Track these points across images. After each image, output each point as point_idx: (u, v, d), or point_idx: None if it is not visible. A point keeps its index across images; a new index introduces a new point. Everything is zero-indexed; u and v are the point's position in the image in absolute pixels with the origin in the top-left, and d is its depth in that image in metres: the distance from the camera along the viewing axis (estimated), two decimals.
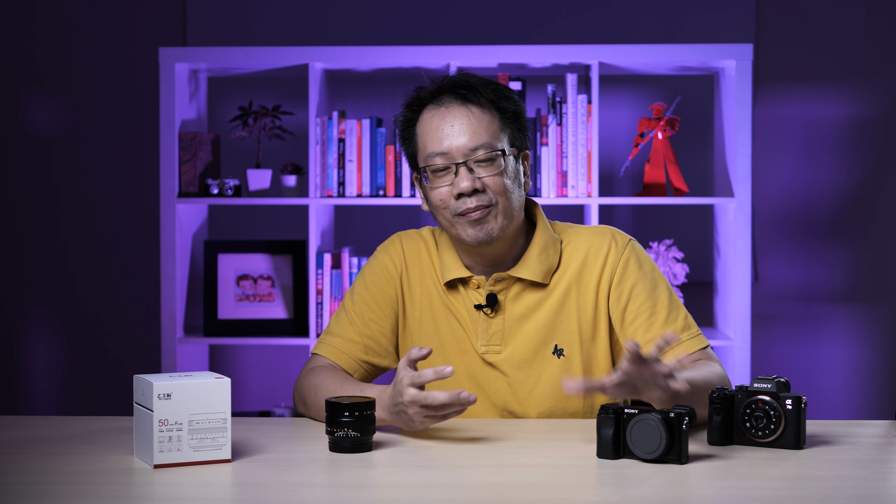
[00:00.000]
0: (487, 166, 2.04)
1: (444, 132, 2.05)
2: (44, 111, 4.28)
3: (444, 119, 2.06)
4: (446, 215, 2.07)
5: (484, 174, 2.04)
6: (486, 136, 2.05)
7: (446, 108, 2.07)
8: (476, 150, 2.04)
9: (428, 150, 2.07)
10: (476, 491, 1.63)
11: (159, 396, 1.71)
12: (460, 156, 2.04)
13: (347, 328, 2.18)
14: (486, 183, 2.04)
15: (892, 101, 4.17)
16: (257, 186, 3.80)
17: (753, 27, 4.14)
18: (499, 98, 2.08)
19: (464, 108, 2.06)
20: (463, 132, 2.04)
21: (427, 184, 2.08)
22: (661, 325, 2.07)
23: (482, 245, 2.06)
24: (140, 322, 4.21)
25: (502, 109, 2.08)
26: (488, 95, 2.07)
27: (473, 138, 2.04)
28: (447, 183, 2.05)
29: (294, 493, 1.61)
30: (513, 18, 4.19)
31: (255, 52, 3.76)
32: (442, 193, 2.06)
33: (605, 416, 1.77)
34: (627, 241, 2.14)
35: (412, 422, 1.88)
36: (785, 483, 1.67)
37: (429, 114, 2.09)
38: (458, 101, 2.07)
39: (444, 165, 2.05)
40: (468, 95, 2.06)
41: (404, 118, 2.14)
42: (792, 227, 4.20)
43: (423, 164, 2.08)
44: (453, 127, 2.05)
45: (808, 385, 4.14)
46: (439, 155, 2.05)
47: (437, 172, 2.06)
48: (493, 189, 2.04)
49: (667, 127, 3.71)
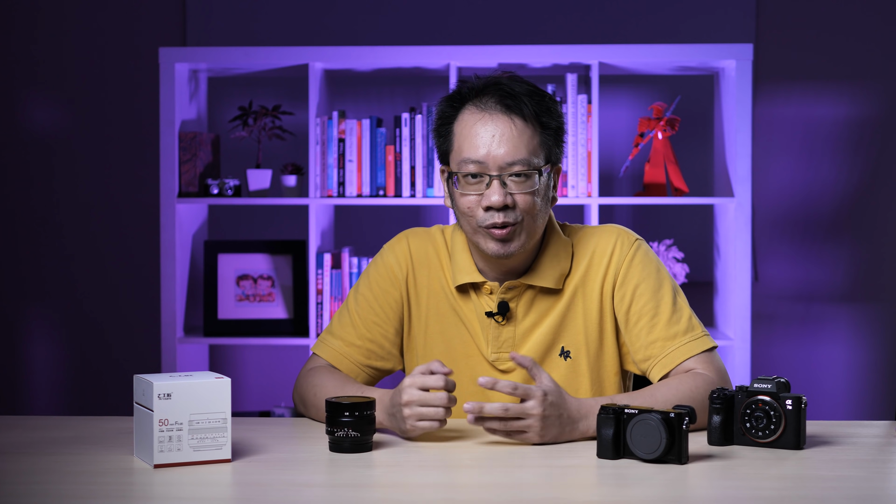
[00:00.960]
0: (521, 182, 2.00)
1: (483, 140, 1.99)
2: (44, 111, 4.28)
3: (486, 126, 2.00)
4: (472, 223, 2.03)
5: (517, 190, 1.99)
6: (525, 152, 2.00)
7: (489, 115, 2.01)
8: (513, 165, 1.99)
9: (464, 154, 2.01)
10: (476, 491, 1.63)
11: (159, 396, 1.71)
12: (496, 168, 1.99)
13: (349, 330, 2.16)
14: (517, 200, 1.99)
15: (892, 101, 4.17)
16: (257, 186, 3.80)
17: (753, 27, 4.14)
18: (542, 112, 2.02)
19: (507, 118, 2.00)
20: (503, 144, 1.99)
21: (457, 188, 2.03)
22: (664, 326, 2.05)
23: (501, 258, 2.04)
24: (140, 322, 4.21)
25: (544, 125, 2.03)
26: (533, 108, 2.01)
27: (512, 152, 1.99)
28: (478, 192, 2.00)
29: (294, 493, 1.61)
30: (513, 18, 4.19)
31: (255, 52, 3.76)
32: (470, 202, 2.02)
33: (605, 416, 1.77)
34: (633, 240, 2.11)
35: (404, 423, 1.88)
36: (785, 483, 1.67)
37: (469, 115, 2.03)
38: (501, 109, 2.00)
39: (478, 173, 2.00)
40: (513, 105, 2.00)
41: (442, 112, 2.07)
42: (792, 227, 4.20)
43: (456, 168, 2.02)
44: (493, 137, 1.99)
45: (808, 385, 4.14)
46: (475, 163, 2.00)
47: (468, 178, 2.01)
48: (523, 208, 2.00)
49: (667, 127, 3.71)
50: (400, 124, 3.70)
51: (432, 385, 1.86)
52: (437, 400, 1.86)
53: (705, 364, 2.04)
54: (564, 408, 1.88)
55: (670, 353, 2.04)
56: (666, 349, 2.04)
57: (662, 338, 2.05)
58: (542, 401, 1.85)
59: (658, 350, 2.04)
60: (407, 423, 1.87)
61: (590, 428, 1.89)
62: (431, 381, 1.86)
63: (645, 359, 2.06)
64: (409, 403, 1.86)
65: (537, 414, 1.85)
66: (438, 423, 1.86)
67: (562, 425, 1.87)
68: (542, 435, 1.86)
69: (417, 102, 3.94)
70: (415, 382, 1.87)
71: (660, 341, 2.05)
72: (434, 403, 1.86)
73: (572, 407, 1.89)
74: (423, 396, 1.86)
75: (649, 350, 2.05)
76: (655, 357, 2.05)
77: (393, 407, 1.90)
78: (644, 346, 2.06)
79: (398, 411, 1.88)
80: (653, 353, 2.05)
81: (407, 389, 1.87)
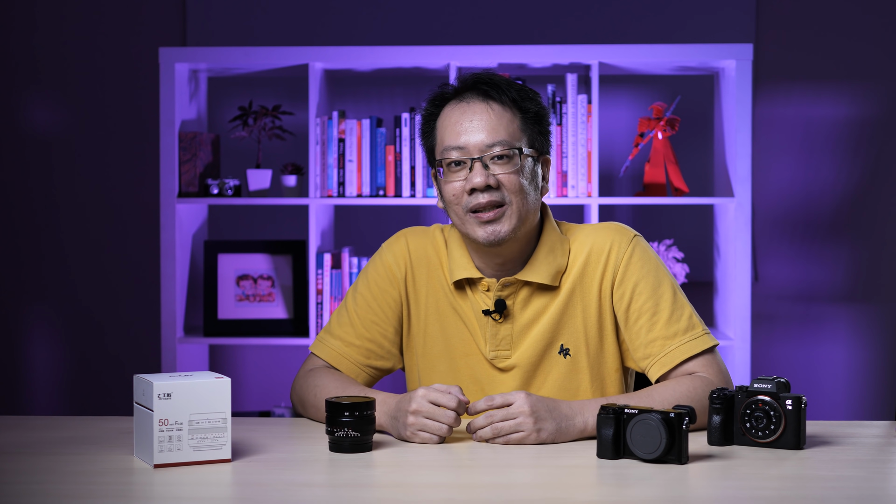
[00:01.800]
0: (503, 164, 2.02)
1: (463, 126, 2.03)
2: (44, 111, 4.28)
3: (464, 114, 2.04)
4: (458, 211, 2.05)
5: (499, 171, 2.02)
6: (505, 134, 2.03)
7: (467, 104, 2.05)
8: (493, 147, 2.02)
9: (445, 143, 2.05)
10: (476, 491, 1.63)
11: (159, 396, 1.71)
12: (476, 151, 2.02)
13: (348, 330, 2.16)
14: (501, 180, 2.02)
15: (892, 101, 4.17)
16: (257, 186, 3.80)
17: (753, 27, 4.14)
18: (521, 98, 2.06)
19: (485, 105, 2.04)
20: (481, 128, 2.02)
21: (442, 178, 2.06)
22: (664, 324, 2.05)
23: (493, 246, 2.04)
24: (140, 322, 4.21)
25: (524, 109, 2.06)
26: (511, 94, 2.05)
27: (491, 135, 2.02)
28: (461, 178, 2.03)
29: (294, 493, 1.61)
30: (513, 18, 4.19)
31: (255, 52, 3.76)
32: (455, 188, 2.04)
33: (605, 416, 1.77)
34: (631, 237, 2.11)
35: (405, 430, 1.88)
36: (785, 483, 1.67)
37: (450, 108, 2.07)
38: (479, 98, 2.05)
39: (460, 160, 2.03)
40: (490, 92, 2.04)
41: (426, 112, 2.12)
42: (792, 227, 4.20)
43: (440, 157, 2.06)
44: (472, 122, 2.03)
45: (808, 385, 4.14)
46: (456, 149, 2.03)
47: (451, 166, 2.04)
48: (508, 187, 2.02)
49: (667, 127, 3.71)
50: (400, 124, 3.70)
51: (444, 403, 1.88)
52: (444, 417, 1.88)
53: (706, 365, 2.03)
54: (554, 405, 1.90)
55: (670, 352, 2.03)
56: (666, 348, 2.04)
57: (662, 336, 2.04)
58: (527, 398, 1.88)
59: (658, 349, 2.04)
60: (408, 430, 1.88)
61: (587, 425, 1.90)
62: (444, 399, 1.88)
63: (644, 357, 2.06)
64: (417, 413, 1.88)
65: (525, 410, 1.86)
66: (438, 438, 1.88)
67: (556, 420, 1.88)
68: (539, 431, 1.86)
69: (417, 102, 3.94)
70: (428, 395, 1.88)
71: (659, 340, 2.04)
72: (440, 419, 1.88)
73: (563, 405, 1.91)
74: (432, 410, 1.88)
75: (649, 349, 2.05)
76: (655, 356, 2.04)
77: (398, 411, 1.90)
78: (644, 345, 2.06)
79: (403, 416, 1.89)
80: (652, 351, 2.05)
81: (418, 399, 1.88)
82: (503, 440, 1.88)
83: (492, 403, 1.89)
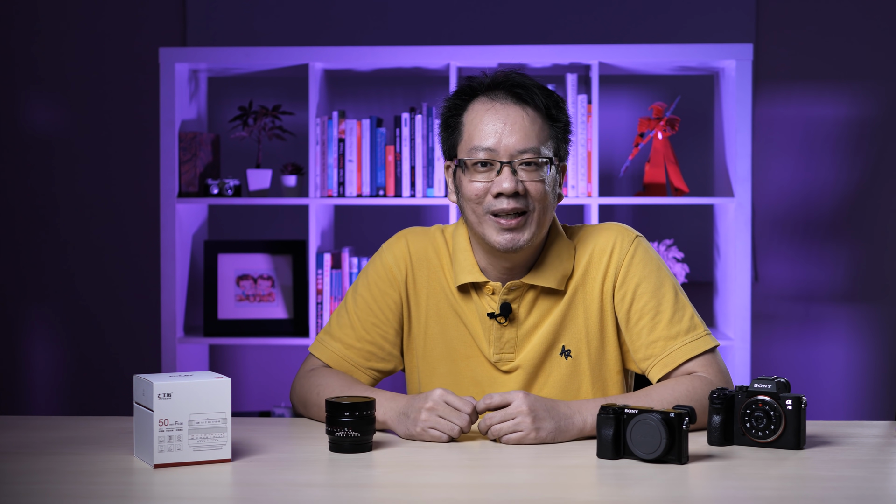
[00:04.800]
0: (531, 171, 2.01)
1: (496, 128, 2.01)
2: (44, 111, 4.28)
3: (498, 114, 2.02)
4: (478, 210, 2.03)
5: (527, 178, 2.00)
6: (536, 141, 2.01)
7: (501, 105, 2.02)
8: (524, 153, 2.00)
9: (474, 142, 2.02)
10: (476, 491, 1.63)
11: (159, 396, 1.71)
12: (507, 155, 2.00)
13: (348, 332, 2.15)
14: (528, 188, 2.00)
15: (892, 101, 4.17)
16: (257, 186, 3.80)
17: (753, 27, 4.14)
18: (552, 105, 2.04)
19: (519, 108, 2.02)
20: (515, 132, 2.00)
21: (464, 175, 2.04)
22: (666, 325, 2.04)
23: (508, 252, 2.03)
24: (140, 322, 4.21)
25: (554, 118, 2.05)
26: (544, 101, 2.03)
27: (524, 140, 2.00)
28: (486, 179, 2.01)
29: (294, 493, 1.61)
30: (513, 18, 4.19)
31: (255, 52, 3.76)
32: (478, 188, 2.02)
33: (605, 416, 1.77)
34: (633, 238, 2.10)
35: (416, 425, 1.89)
36: (785, 483, 1.67)
37: (481, 105, 2.04)
38: (513, 100, 2.02)
39: (488, 160, 2.01)
40: (524, 96, 2.02)
41: (451, 105, 2.08)
42: (792, 227, 4.20)
43: (466, 155, 2.03)
44: (506, 125, 2.01)
45: (808, 385, 4.14)
46: (485, 150, 2.00)
47: (478, 166, 2.02)
48: (534, 195, 2.01)
49: (667, 127, 3.71)
50: (400, 124, 3.70)
51: (459, 406, 1.89)
52: (457, 418, 1.89)
53: (706, 365, 2.03)
54: (552, 404, 1.91)
55: (671, 353, 2.03)
56: (667, 349, 2.03)
57: (664, 337, 2.04)
58: (525, 397, 1.88)
59: (659, 350, 2.04)
60: (419, 426, 1.89)
61: (586, 424, 1.90)
62: (460, 403, 1.89)
63: (645, 358, 2.06)
64: (433, 410, 1.89)
65: (524, 410, 1.87)
66: (447, 437, 1.89)
67: (555, 419, 1.88)
68: (538, 430, 1.87)
69: (417, 102, 3.94)
70: (445, 396, 1.90)
71: (661, 341, 2.04)
72: (453, 420, 1.89)
73: (561, 404, 1.92)
74: (447, 410, 1.89)
75: (650, 349, 2.05)
76: (656, 357, 2.04)
77: (410, 407, 1.91)
78: (645, 346, 2.05)
79: (416, 412, 1.89)
80: (653, 352, 2.04)
81: (435, 397, 1.90)
82: (503, 440, 1.88)
83: (490, 403, 1.90)
